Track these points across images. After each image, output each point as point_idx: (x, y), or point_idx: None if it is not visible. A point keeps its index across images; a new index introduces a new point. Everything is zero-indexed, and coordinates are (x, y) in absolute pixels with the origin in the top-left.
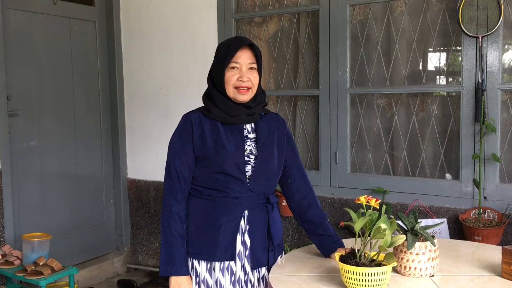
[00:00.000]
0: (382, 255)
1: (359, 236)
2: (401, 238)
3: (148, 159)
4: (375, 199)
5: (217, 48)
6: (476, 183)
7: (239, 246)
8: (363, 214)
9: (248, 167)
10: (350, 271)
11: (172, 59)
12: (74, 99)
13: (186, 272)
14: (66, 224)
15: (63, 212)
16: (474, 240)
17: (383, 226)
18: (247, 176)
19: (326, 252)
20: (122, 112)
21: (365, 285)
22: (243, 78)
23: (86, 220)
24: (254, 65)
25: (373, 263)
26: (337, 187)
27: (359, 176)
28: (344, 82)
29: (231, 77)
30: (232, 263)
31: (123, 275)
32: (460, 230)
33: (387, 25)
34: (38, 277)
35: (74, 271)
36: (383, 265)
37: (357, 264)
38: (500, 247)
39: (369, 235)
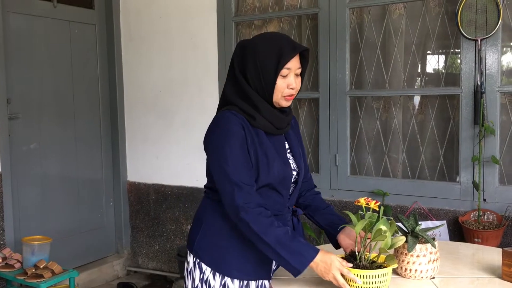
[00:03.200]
0: (382, 257)
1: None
2: (401, 240)
3: (148, 161)
4: (374, 201)
5: (258, 48)
6: (476, 185)
7: (275, 263)
8: (363, 216)
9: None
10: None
11: (172, 62)
12: (74, 102)
13: (317, 250)
14: (66, 227)
15: (64, 215)
16: (474, 242)
17: (384, 228)
18: (289, 193)
19: (335, 230)
20: (122, 115)
21: (366, 287)
22: (292, 85)
23: (86, 223)
24: (300, 70)
25: (374, 265)
26: (336, 190)
27: (359, 179)
28: (344, 84)
29: (282, 85)
30: (266, 281)
31: (123, 278)
32: (459, 232)
33: (386, 28)
34: (39, 280)
35: (75, 274)
36: (384, 267)
37: (357, 266)
38: (500, 249)
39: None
